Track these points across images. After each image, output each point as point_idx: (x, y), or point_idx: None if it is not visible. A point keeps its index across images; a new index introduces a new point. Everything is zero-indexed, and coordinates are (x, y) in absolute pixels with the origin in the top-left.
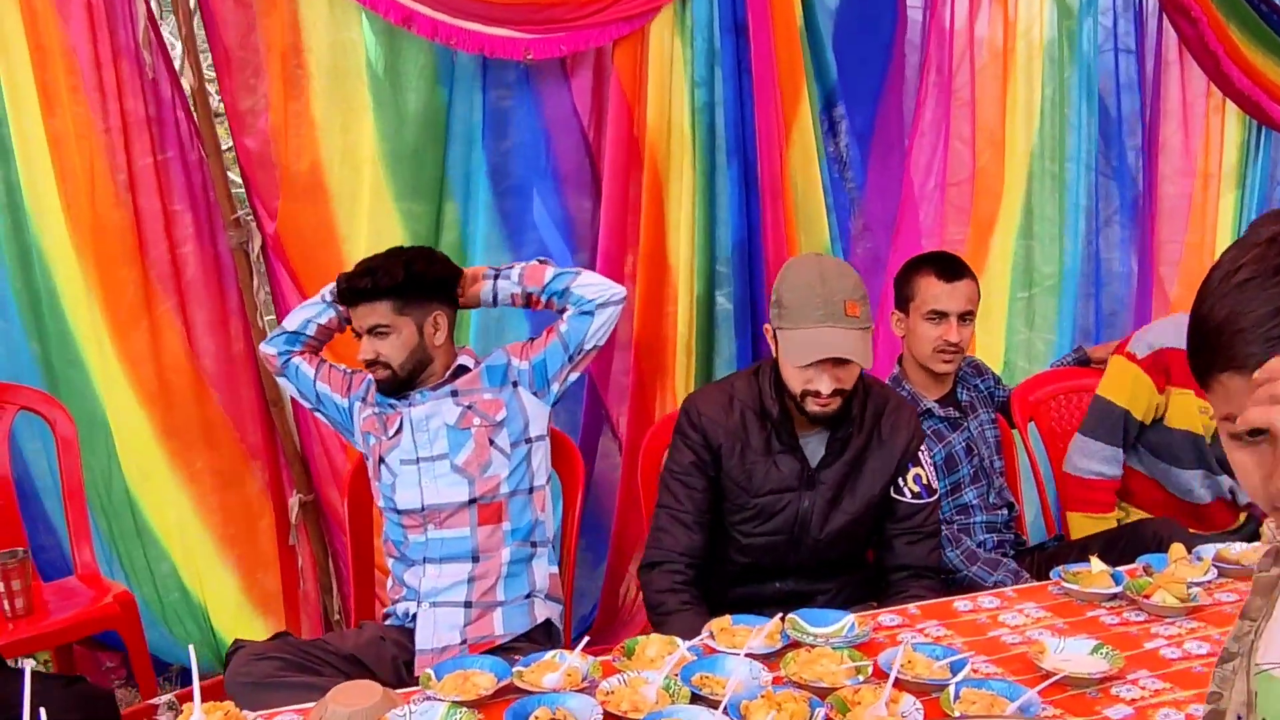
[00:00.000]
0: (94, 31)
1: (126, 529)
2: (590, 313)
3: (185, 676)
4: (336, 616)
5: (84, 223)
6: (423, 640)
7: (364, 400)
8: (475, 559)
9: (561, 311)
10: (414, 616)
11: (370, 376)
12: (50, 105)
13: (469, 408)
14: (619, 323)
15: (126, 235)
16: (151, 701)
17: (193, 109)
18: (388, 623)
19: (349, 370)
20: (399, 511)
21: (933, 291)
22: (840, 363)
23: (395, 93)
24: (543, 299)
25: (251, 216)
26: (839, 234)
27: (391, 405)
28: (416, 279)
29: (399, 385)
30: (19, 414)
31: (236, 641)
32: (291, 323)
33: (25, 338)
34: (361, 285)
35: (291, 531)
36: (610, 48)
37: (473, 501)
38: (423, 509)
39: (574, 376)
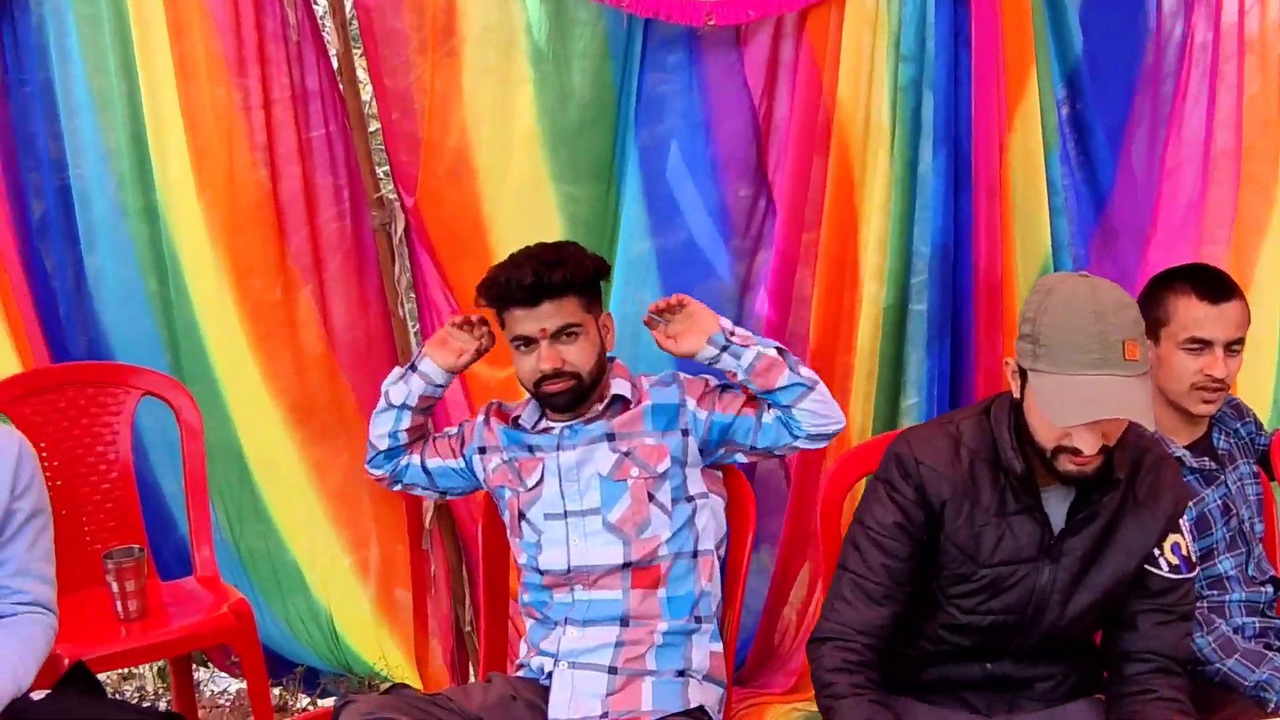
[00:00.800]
0: None
1: (249, 523)
2: (796, 436)
3: (309, 679)
4: (468, 627)
5: (220, 200)
6: (557, 707)
7: (483, 450)
8: (625, 623)
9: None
10: (550, 674)
11: (479, 420)
12: (186, 77)
13: (626, 454)
14: (793, 325)
15: (265, 213)
16: None
17: (338, 78)
18: (520, 673)
19: (454, 430)
20: (541, 572)
21: (1194, 315)
22: None
23: (558, 66)
24: (755, 395)
25: (396, 196)
26: (1066, 241)
27: (529, 449)
28: (600, 272)
29: (577, 399)
30: (143, 399)
31: (344, 696)
32: (379, 441)
33: (152, 320)
34: (556, 279)
35: (425, 535)
36: (796, 15)
37: (627, 565)
38: (569, 570)
39: (740, 459)
